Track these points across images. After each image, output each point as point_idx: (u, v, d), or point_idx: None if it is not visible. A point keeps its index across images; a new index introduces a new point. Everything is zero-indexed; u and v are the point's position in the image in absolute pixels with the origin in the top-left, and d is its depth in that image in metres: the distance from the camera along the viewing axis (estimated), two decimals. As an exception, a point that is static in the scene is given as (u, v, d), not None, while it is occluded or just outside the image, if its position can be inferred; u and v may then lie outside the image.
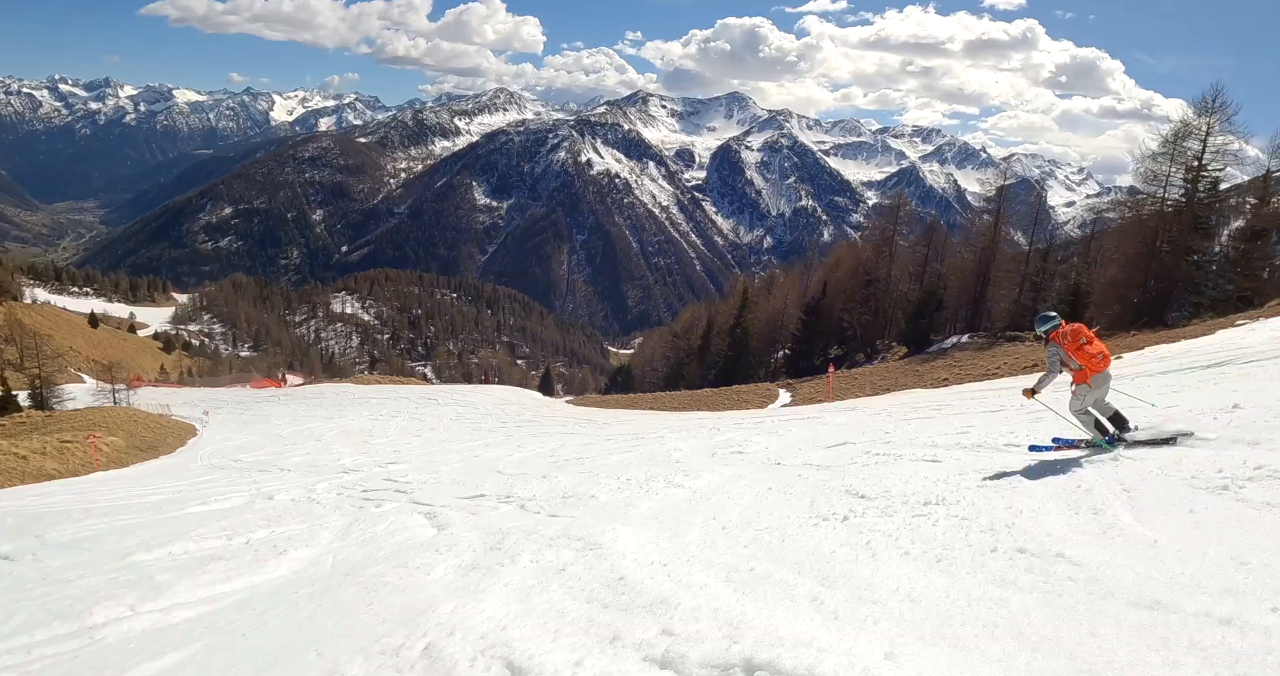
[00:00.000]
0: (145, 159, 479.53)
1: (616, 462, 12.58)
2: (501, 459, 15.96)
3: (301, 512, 10.39)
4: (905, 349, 35.36)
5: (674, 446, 13.84)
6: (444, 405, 36.46)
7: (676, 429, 18.67)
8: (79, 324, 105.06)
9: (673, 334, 56.77)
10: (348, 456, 21.00)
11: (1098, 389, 6.67)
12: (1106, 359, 6.64)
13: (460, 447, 20.79)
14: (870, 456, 8.67)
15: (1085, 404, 6.77)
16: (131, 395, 45.55)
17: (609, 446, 16.15)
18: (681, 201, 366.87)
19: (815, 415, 17.04)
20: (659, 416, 26.62)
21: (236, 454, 24.31)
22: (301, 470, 18.05)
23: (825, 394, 25.86)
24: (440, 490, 11.17)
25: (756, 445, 12.18)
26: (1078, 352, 6.61)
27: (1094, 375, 6.61)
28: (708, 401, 29.73)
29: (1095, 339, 6.73)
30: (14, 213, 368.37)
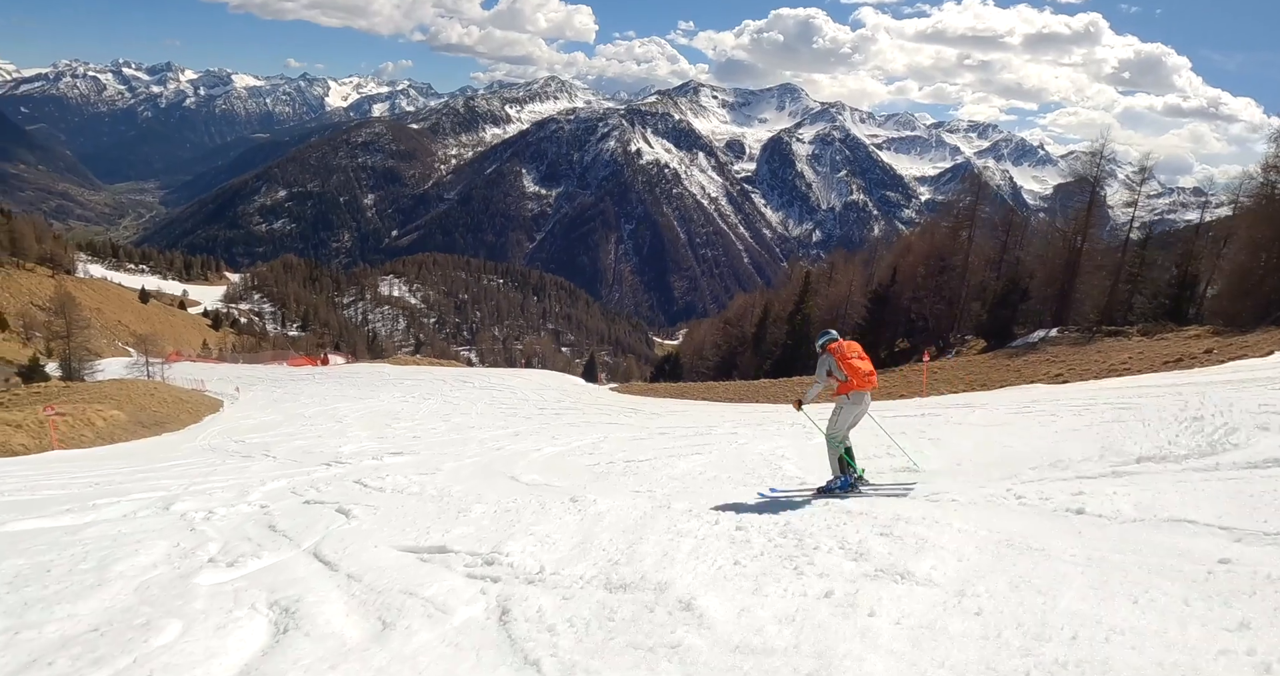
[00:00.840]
0: (204, 142, 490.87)
1: (687, 472, 9.59)
2: (528, 454, 13.50)
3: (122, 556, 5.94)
4: (983, 342, 32.72)
5: (765, 449, 10.86)
6: (479, 389, 34.78)
7: (747, 423, 16.33)
8: (129, 299, 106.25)
9: (724, 322, 54.54)
10: (355, 442, 19.03)
11: (854, 406, 6.73)
12: (871, 378, 6.71)
13: (485, 436, 18.81)
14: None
15: (842, 423, 6.79)
16: (167, 369, 44.87)
17: (667, 444, 13.48)
18: (730, 193, 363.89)
19: (929, 412, 14.18)
20: (716, 408, 24.42)
21: (244, 434, 22.80)
22: (287, 458, 15.94)
23: (908, 388, 23.71)
24: (400, 519, 7.05)
25: (908, 450, 8.71)
26: (845, 363, 6.67)
27: (854, 390, 6.69)
28: (766, 393, 27.52)
29: (867, 359, 6.82)
30: (78, 192, 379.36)
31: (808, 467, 8.94)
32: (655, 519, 5.98)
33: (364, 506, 7.95)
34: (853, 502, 6.13)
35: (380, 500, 8.55)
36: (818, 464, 8.46)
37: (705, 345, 55.08)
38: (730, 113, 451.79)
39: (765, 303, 48.42)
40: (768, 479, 8.45)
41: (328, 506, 8.17)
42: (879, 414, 14.24)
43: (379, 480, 10.46)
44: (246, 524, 7.33)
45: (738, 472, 9.30)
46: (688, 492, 7.88)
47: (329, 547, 5.96)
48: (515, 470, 11.16)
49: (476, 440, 17.94)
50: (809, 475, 8.31)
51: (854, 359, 6.70)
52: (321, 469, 13.00)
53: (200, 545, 6.27)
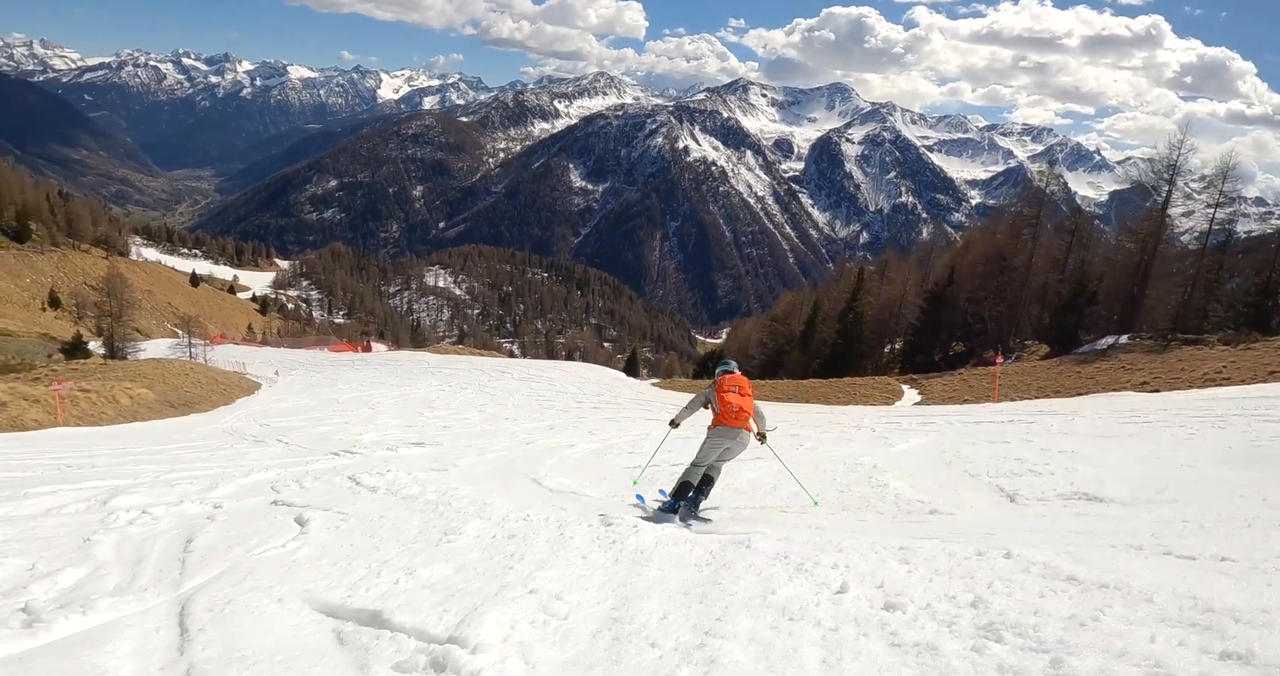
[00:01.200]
0: (259, 131, 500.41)
1: (756, 484, 7.95)
2: (559, 451, 12.16)
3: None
4: (1047, 348, 31.20)
5: (842, 454, 9.60)
6: (518, 380, 34.19)
7: (806, 425, 15.04)
8: (180, 282, 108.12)
9: (771, 319, 53.02)
10: (379, 430, 18.20)
11: (719, 439, 6.45)
12: (738, 416, 6.38)
13: (517, 429, 17.89)
14: None
15: (704, 455, 6.51)
16: (209, 351, 44.82)
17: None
18: (777, 192, 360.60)
19: (1018, 418, 12.82)
20: (766, 407, 23.62)
21: (273, 417, 22.20)
22: (300, 444, 15.06)
23: (974, 392, 22.30)
24: (362, 541, 5.23)
25: (1054, 468, 7.29)
26: (720, 396, 6.49)
27: (719, 425, 6.44)
28: (817, 393, 26.32)
29: (746, 395, 6.52)
30: (137, 178, 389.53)
31: (921, 486, 7.21)
32: (732, 569, 3.89)
33: (334, 514, 6.19)
34: None
35: (361, 506, 6.74)
36: (925, 479, 7.43)
37: (751, 343, 53.59)
38: (779, 111, 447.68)
39: (815, 300, 46.67)
40: (873, 501, 6.83)
41: (292, 510, 6.45)
42: (959, 419, 12.80)
43: (378, 477, 8.82)
44: (159, 539, 5.39)
45: (826, 487, 7.38)
46: (766, 519, 6.15)
47: (208, 599, 3.76)
48: (541, 470, 9.52)
49: (507, 432, 17.02)
50: (925, 495, 6.85)
51: (728, 393, 6.48)
52: (326, 459, 11.76)
53: (47, 576, 4.32)
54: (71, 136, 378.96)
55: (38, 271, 69.25)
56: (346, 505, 6.76)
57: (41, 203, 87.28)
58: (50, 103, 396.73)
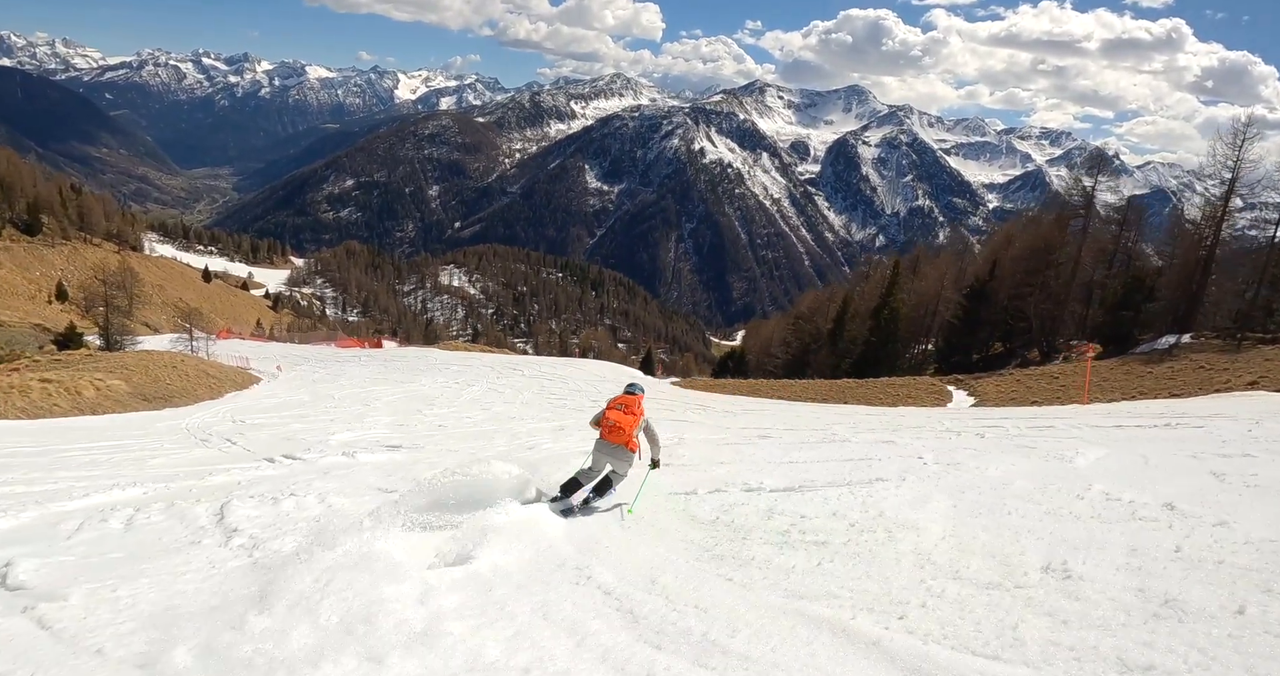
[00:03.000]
0: (277, 131, 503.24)
1: (826, 519, 5.87)
2: (569, 458, 9.48)
3: None
4: (1099, 347, 28.89)
5: (996, 475, 7.02)
6: (529, 377, 32.41)
7: (873, 428, 12.87)
8: (193, 277, 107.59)
9: (795, 317, 51.28)
10: (363, 429, 16.68)
11: (594, 453, 6.69)
12: (612, 432, 6.54)
13: (523, 429, 16.25)
14: None
15: (590, 460, 6.77)
16: (212, 345, 43.59)
17: (768, 454, 9.77)
18: (793, 195, 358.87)
19: (1143, 422, 10.82)
20: (798, 408, 21.31)
21: (253, 413, 20.53)
22: (249, 446, 13.43)
23: (1047, 394, 20.55)
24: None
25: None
26: (604, 412, 6.72)
27: (598, 438, 6.66)
28: (855, 394, 24.43)
29: (630, 417, 6.57)
30: (156, 176, 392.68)
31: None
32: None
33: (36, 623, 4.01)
34: None
35: (129, 590, 4.51)
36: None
37: (773, 342, 51.86)
38: (795, 113, 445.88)
39: (844, 297, 44.52)
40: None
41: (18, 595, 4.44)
42: (1087, 423, 11.03)
43: (265, 506, 6.82)
44: None
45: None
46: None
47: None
48: (534, 484, 6.70)
49: (509, 433, 15.37)
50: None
51: (611, 409, 6.67)
52: (247, 469, 9.80)
53: None
54: (92, 134, 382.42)
55: (47, 264, 68.58)
56: (110, 579, 4.70)
57: (53, 196, 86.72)
58: (72, 101, 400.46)
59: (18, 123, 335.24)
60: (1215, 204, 28.17)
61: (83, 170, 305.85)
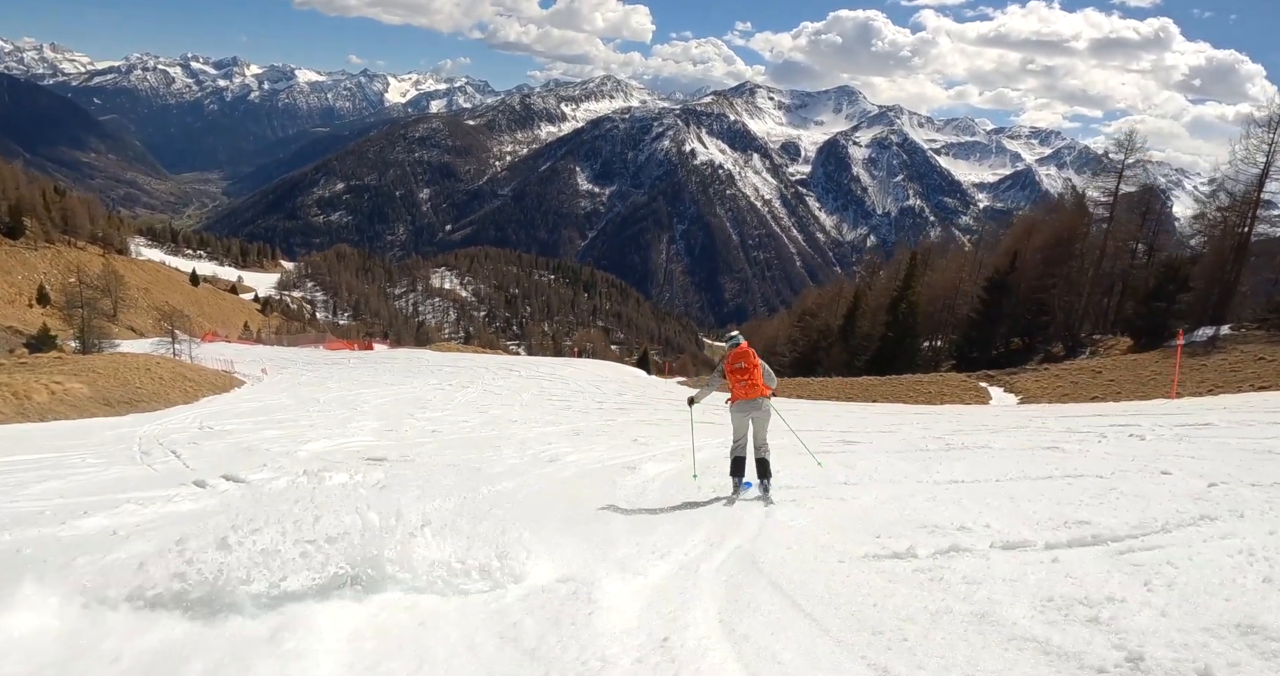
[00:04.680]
0: (267, 135, 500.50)
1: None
2: (617, 479, 8.06)
3: None
4: (1130, 340, 28.01)
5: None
6: (526, 378, 31.12)
7: (955, 428, 11.53)
8: (180, 281, 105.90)
9: (799, 314, 50.24)
10: (346, 436, 14.84)
11: (736, 414, 6.63)
12: (749, 390, 6.54)
13: (530, 435, 14.32)
14: None
15: (735, 431, 6.72)
16: (195, 348, 42.42)
17: (902, 469, 7.92)
18: (785, 195, 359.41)
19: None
20: (827, 407, 20.09)
21: (225, 419, 18.73)
22: (194, 464, 10.99)
23: (1070, 390, 19.01)
24: None
25: None
26: (730, 375, 6.64)
27: (735, 401, 6.61)
28: (880, 392, 23.12)
29: (754, 370, 6.62)
30: (146, 181, 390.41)
31: None
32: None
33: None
34: None
35: None
36: None
37: (778, 340, 50.74)
38: (786, 114, 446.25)
39: (856, 292, 43.02)
40: None
41: None
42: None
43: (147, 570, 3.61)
44: None
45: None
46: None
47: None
48: (625, 537, 4.83)
49: (515, 441, 13.33)
50: None
51: (738, 369, 6.62)
52: (153, 503, 6.99)
53: None
54: (81, 139, 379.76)
55: (29, 267, 67.36)
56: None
57: (36, 198, 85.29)
58: (60, 106, 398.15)
59: (5, 128, 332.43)
60: (1248, 191, 27.20)
61: (71, 175, 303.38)
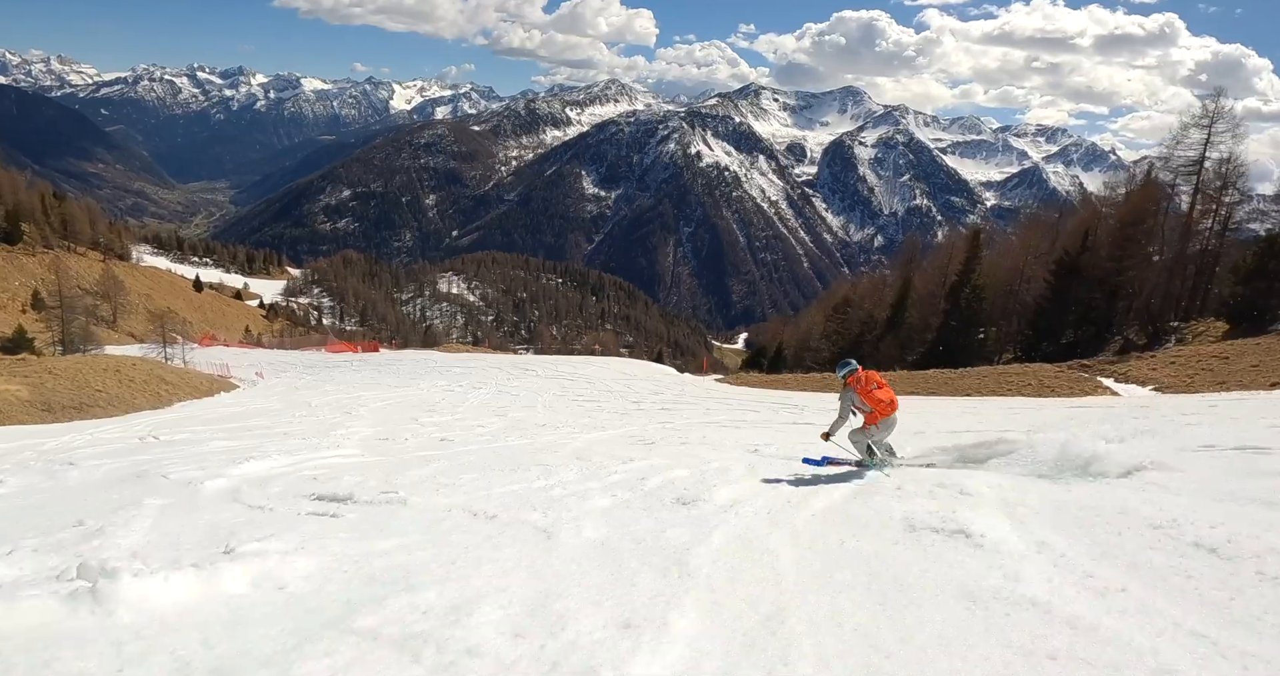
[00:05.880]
0: (273, 143, 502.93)
1: None
2: (762, 499, 6.03)
3: None
4: (1225, 325, 25.33)
5: None
6: (545, 378, 28.71)
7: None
8: (183, 286, 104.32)
9: (832, 307, 48.14)
10: (321, 451, 11.02)
11: (883, 431, 6.79)
12: (894, 405, 6.72)
13: (575, 444, 11.18)
14: None
15: (867, 440, 6.85)
16: (189, 351, 40.53)
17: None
18: (791, 197, 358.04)
19: None
20: (928, 405, 18.12)
21: (190, 426, 15.96)
22: (88, 481, 8.46)
23: (1241, 377, 16.57)
24: None
25: None
26: (868, 397, 6.65)
27: (882, 418, 6.68)
28: (961, 386, 20.60)
29: (885, 385, 6.81)
30: (153, 191, 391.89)
31: None
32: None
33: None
34: None
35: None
36: None
37: (812, 335, 48.42)
38: (791, 116, 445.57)
39: (905, 278, 39.98)
40: None
41: None
42: None
43: None
44: None
45: None
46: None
47: None
48: None
49: (566, 452, 9.96)
50: None
51: (875, 390, 6.67)
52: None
53: None
54: (88, 150, 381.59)
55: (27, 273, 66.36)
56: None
57: (34, 204, 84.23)
58: (68, 117, 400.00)
59: (14, 140, 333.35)
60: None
61: (79, 186, 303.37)
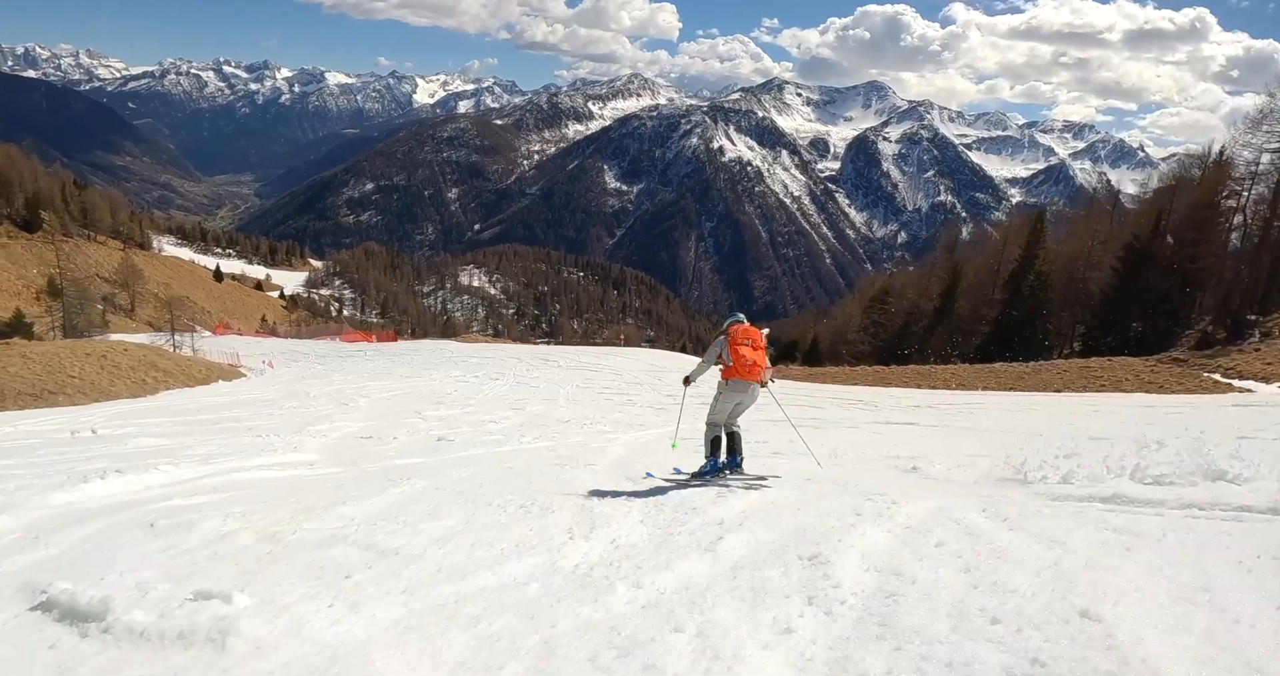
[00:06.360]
0: (297, 137, 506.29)
1: None
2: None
3: None
4: None
5: None
6: (567, 369, 27.26)
7: None
8: (203, 276, 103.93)
9: (870, 298, 46.46)
10: (269, 455, 8.66)
11: (730, 392, 6.32)
12: (753, 370, 6.26)
13: (614, 449, 9.33)
14: None
15: (719, 409, 6.41)
16: (199, 339, 39.26)
17: None
18: (814, 192, 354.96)
19: None
20: (1025, 400, 15.88)
21: (159, 417, 13.98)
22: None
23: None
24: None
25: None
26: (733, 349, 6.33)
27: (734, 378, 6.29)
28: (1035, 381, 18.39)
29: (760, 349, 6.40)
30: (180, 183, 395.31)
31: None
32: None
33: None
34: None
35: None
36: None
37: (849, 328, 46.69)
38: (815, 111, 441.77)
39: (955, 266, 37.62)
40: None
41: None
42: None
43: None
44: None
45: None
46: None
47: None
48: None
49: (609, 460, 8.10)
50: None
51: (742, 346, 6.28)
52: None
53: None
54: (116, 143, 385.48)
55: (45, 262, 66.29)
56: None
57: (54, 192, 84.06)
58: (96, 111, 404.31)
59: (43, 133, 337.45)
60: None
61: (107, 179, 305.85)
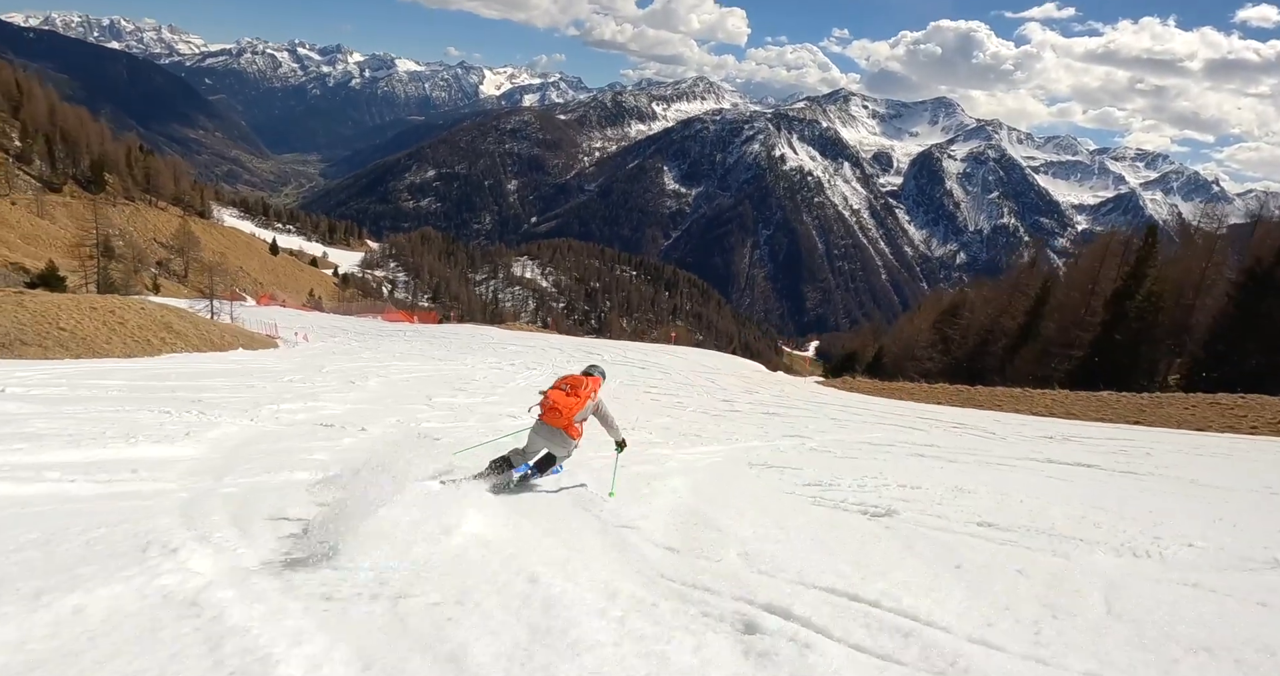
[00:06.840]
0: (365, 120, 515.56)
1: None
2: None
3: None
4: None
5: None
6: (612, 363, 25.00)
7: None
8: (259, 248, 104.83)
9: (939, 313, 44.00)
10: (176, 445, 7.43)
11: (533, 436, 6.25)
12: (552, 412, 6.09)
13: (675, 469, 7.91)
14: None
15: (528, 441, 6.38)
16: (238, 308, 39.16)
17: None
18: (874, 206, 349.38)
19: None
20: (1184, 441, 13.27)
21: (96, 377, 12.59)
22: None
23: None
24: None
25: None
26: (548, 391, 6.26)
27: (538, 419, 6.26)
28: (1162, 415, 16.33)
29: (573, 399, 6.12)
30: (248, 159, 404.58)
31: None
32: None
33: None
34: None
35: None
36: None
37: (917, 344, 44.03)
38: (880, 124, 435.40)
39: (1044, 281, 34.99)
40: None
41: None
42: None
43: None
44: None
45: None
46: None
47: None
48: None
49: (665, 508, 5.98)
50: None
51: (553, 387, 6.22)
52: None
53: None
54: (191, 117, 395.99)
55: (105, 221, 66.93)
56: None
57: (120, 156, 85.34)
58: (174, 84, 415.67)
59: (122, 103, 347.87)
60: None
61: (180, 150, 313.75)
